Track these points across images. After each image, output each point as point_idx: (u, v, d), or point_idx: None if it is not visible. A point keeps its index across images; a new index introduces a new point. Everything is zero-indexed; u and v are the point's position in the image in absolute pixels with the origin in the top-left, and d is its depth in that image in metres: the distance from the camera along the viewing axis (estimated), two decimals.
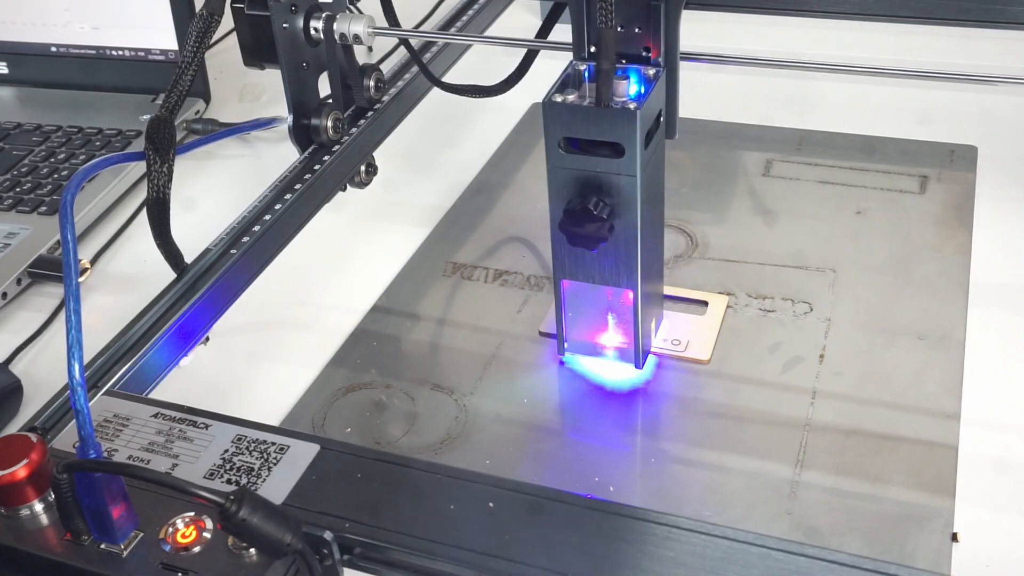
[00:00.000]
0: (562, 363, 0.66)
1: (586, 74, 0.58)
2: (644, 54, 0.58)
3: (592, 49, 0.59)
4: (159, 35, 0.94)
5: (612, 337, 0.64)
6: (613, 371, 0.65)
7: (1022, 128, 0.86)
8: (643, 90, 0.56)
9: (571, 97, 0.56)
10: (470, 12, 0.95)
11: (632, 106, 0.55)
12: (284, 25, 0.72)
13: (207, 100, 0.98)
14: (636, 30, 0.58)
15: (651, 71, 0.57)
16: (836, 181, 0.82)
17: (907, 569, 0.42)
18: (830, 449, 0.59)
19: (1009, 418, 0.61)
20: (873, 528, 0.54)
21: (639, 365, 0.64)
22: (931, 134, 0.86)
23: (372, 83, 0.80)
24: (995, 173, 0.81)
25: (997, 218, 0.76)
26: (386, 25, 0.78)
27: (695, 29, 1.03)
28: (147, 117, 0.93)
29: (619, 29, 0.58)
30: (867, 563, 0.42)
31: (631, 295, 0.61)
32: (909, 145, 0.85)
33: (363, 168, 0.79)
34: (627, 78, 0.56)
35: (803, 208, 0.79)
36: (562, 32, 0.65)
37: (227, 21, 0.69)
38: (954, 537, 0.54)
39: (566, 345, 0.65)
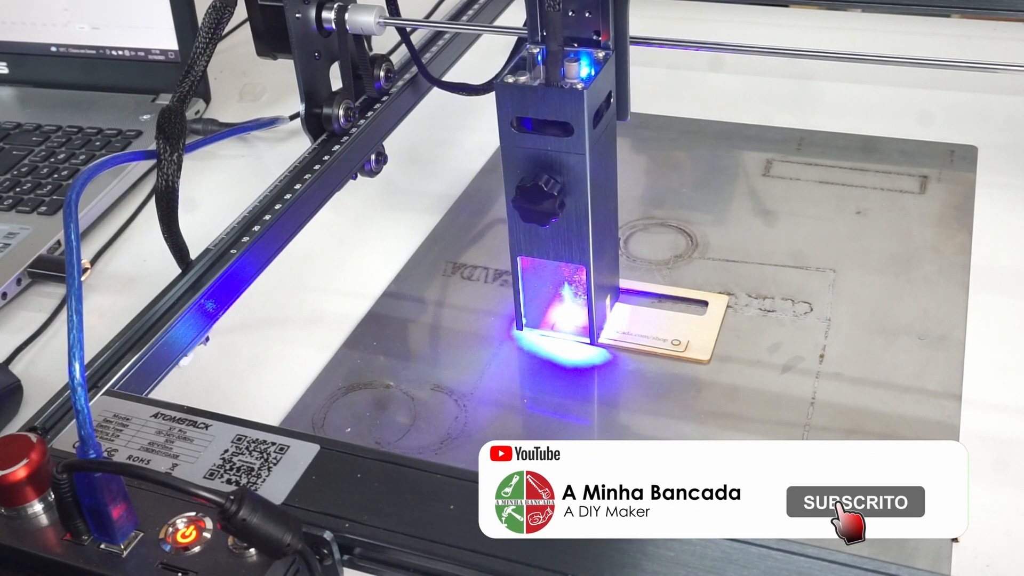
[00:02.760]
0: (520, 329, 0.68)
1: (539, 57, 0.59)
2: (595, 37, 0.60)
3: (544, 33, 0.60)
4: (159, 35, 0.94)
5: (568, 313, 0.66)
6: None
7: (1022, 128, 0.86)
8: (593, 72, 0.58)
9: (523, 78, 0.58)
10: (479, 2, 0.95)
11: (580, 86, 0.57)
12: (297, 15, 0.73)
13: (207, 100, 0.98)
14: (587, 14, 0.60)
15: (600, 54, 0.59)
16: (836, 181, 0.82)
17: (907, 569, 0.42)
18: None
19: (1009, 418, 0.61)
20: None
21: (594, 341, 0.66)
22: (931, 134, 0.86)
23: (382, 73, 0.80)
24: (995, 173, 0.81)
25: (997, 218, 0.76)
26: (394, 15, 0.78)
27: (692, 29, 1.04)
28: (147, 117, 0.93)
29: (570, 13, 0.60)
30: (867, 563, 0.42)
31: (584, 271, 0.62)
32: (909, 145, 0.85)
33: (373, 157, 0.80)
34: (578, 60, 0.58)
35: (803, 208, 0.79)
36: None
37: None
38: (954, 537, 0.54)
39: (524, 321, 0.67)
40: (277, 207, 0.69)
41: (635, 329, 0.68)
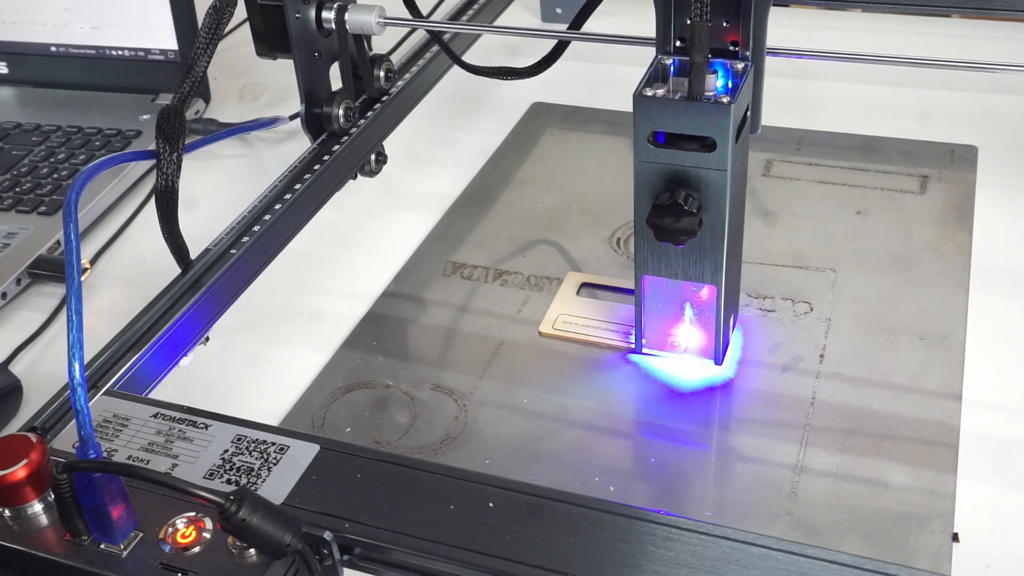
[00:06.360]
0: (636, 352, 0.66)
1: (672, 68, 0.57)
2: (731, 48, 0.58)
3: (677, 43, 0.58)
4: (159, 35, 0.94)
5: (689, 333, 0.64)
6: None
7: (1022, 128, 0.86)
8: (730, 84, 0.56)
9: (660, 91, 0.56)
10: (470, 12, 0.95)
11: (725, 100, 0.55)
12: (297, 15, 0.73)
13: (207, 100, 0.98)
14: (724, 23, 0.58)
15: (739, 65, 0.57)
16: (836, 181, 0.82)
17: (907, 569, 0.42)
18: (830, 449, 0.59)
19: (1009, 418, 0.61)
20: (873, 528, 0.54)
21: (719, 361, 0.64)
22: (931, 134, 0.86)
23: (382, 73, 0.80)
24: (995, 173, 0.81)
25: (997, 218, 0.76)
26: (394, 15, 0.78)
27: None
28: (147, 117, 0.93)
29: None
30: (867, 563, 0.42)
31: (713, 291, 0.61)
32: (909, 145, 0.85)
33: (373, 157, 0.80)
34: (715, 72, 0.56)
35: (803, 208, 0.79)
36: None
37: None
38: (954, 537, 0.54)
39: (644, 341, 0.65)
40: (277, 207, 0.69)
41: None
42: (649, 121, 0.56)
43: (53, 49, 0.98)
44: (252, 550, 0.43)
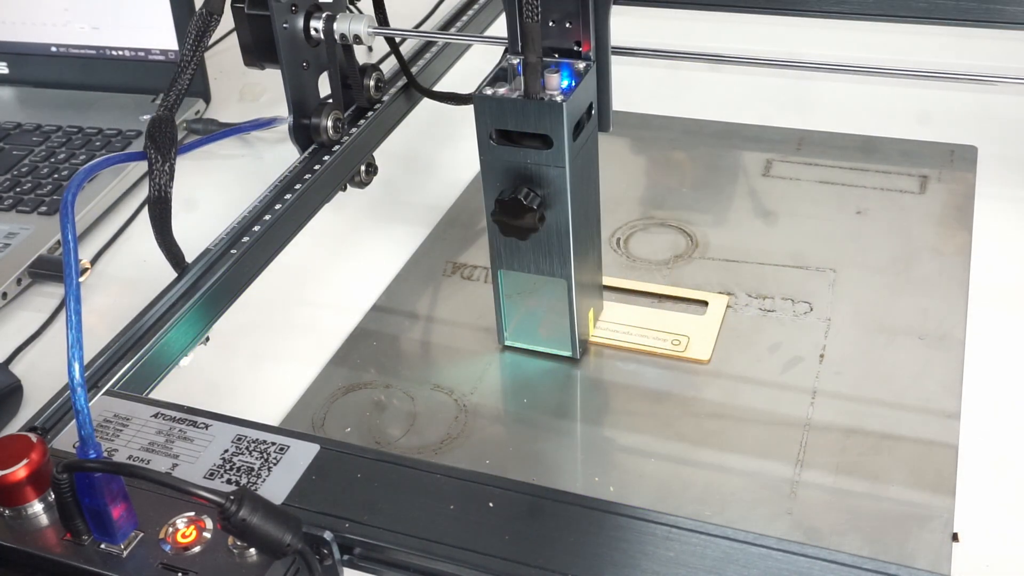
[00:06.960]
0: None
1: (519, 68, 0.59)
2: (576, 48, 0.60)
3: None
4: (159, 35, 0.94)
5: (550, 326, 0.65)
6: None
7: (1022, 128, 0.86)
8: (573, 84, 0.58)
9: (501, 90, 0.58)
10: (469, 12, 0.95)
11: (559, 98, 0.56)
12: (284, 25, 0.72)
13: (207, 100, 0.98)
14: (567, 25, 0.59)
15: (581, 65, 0.59)
16: (836, 181, 0.82)
17: (907, 569, 0.42)
18: (830, 449, 0.59)
19: (1009, 418, 0.61)
20: (873, 528, 0.54)
21: (576, 355, 0.65)
22: (931, 134, 0.86)
23: (372, 83, 0.80)
24: (995, 173, 0.81)
25: (997, 218, 0.76)
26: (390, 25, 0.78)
27: (695, 28, 1.04)
28: (147, 117, 0.93)
29: (551, 24, 0.59)
30: (867, 563, 0.42)
31: (565, 285, 0.62)
32: (909, 145, 0.85)
33: (363, 168, 0.79)
34: (559, 72, 0.58)
35: (803, 208, 0.79)
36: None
37: (227, 21, 0.69)
38: (954, 537, 0.54)
39: (506, 334, 0.67)
40: (267, 217, 0.68)
41: (635, 329, 0.68)
42: (488, 119, 0.58)
43: (53, 49, 0.98)
44: (252, 550, 0.43)
